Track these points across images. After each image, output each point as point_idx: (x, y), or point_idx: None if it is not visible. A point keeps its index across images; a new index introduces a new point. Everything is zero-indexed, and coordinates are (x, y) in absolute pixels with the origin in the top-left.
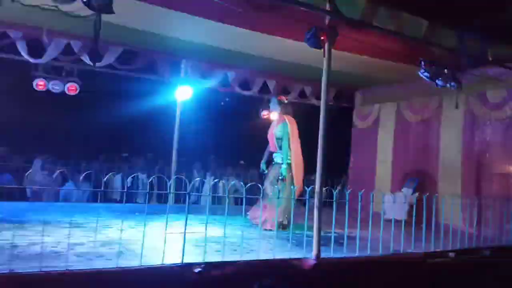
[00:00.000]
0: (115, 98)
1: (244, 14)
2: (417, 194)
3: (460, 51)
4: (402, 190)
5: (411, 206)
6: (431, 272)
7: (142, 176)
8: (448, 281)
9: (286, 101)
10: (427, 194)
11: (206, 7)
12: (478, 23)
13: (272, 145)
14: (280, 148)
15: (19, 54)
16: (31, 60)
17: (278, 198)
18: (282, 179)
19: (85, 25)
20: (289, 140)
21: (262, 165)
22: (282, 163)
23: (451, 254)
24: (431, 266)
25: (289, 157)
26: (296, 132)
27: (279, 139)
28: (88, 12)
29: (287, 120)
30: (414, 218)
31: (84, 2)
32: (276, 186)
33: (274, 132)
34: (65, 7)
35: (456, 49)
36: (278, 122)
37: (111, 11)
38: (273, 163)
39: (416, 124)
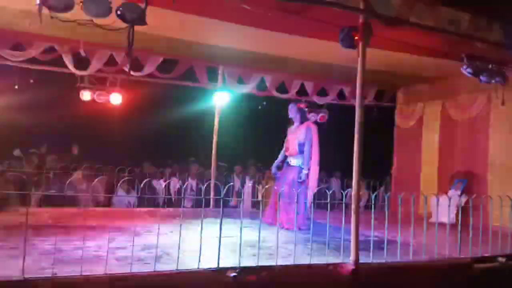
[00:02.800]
0: (156, 106)
1: (275, 17)
2: (464, 195)
3: (506, 45)
4: (449, 192)
5: (458, 209)
6: (479, 278)
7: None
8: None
9: (306, 109)
10: (475, 196)
11: (237, 13)
12: None
13: (292, 149)
14: (301, 152)
15: (65, 67)
16: (77, 72)
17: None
18: (301, 182)
19: (126, 36)
20: (311, 146)
21: (274, 168)
22: (302, 167)
23: (501, 259)
24: (479, 272)
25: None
26: (316, 137)
27: (301, 144)
28: (122, 25)
29: (311, 127)
30: (460, 221)
31: (118, 15)
32: (294, 189)
33: (297, 136)
34: (99, 21)
35: (501, 42)
36: (301, 127)
37: (143, 23)
38: (288, 165)
39: (463, 123)
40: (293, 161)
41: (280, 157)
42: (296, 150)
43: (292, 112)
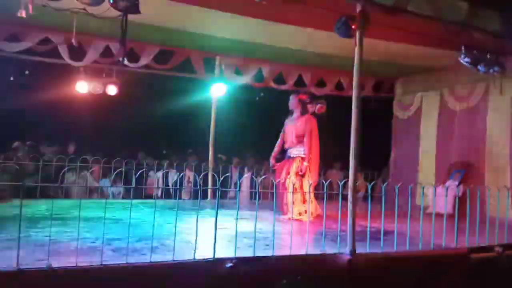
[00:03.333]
0: (153, 97)
1: (271, 6)
2: (462, 186)
3: (504, 34)
4: (447, 182)
5: (455, 199)
6: (476, 268)
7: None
8: (495, 277)
9: (307, 101)
10: (472, 186)
11: (232, 2)
12: None
13: (291, 140)
14: (299, 143)
15: (61, 58)
16: (73, 63)
17: (292, 192)
18: (302, 174)
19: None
20: (311, 137)
21: (272, 160)
22: (303, 158)
23: (498, 249)
24: (476, 262)
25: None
26: (316, 130)
27: (300, 135)
28: (116, 13)
29: (310, 119)
30: (457, 211)
31: (111, 4)
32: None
33: (296, 128)
34: (93, 9)
35: (500, 32)
36: (300, 119)
37: (137, 11)
38: (288, 157)
39: (461, 113)
40: (293, 153)
41: (276, 148)
42: (296, 142)
43: (293, 103)
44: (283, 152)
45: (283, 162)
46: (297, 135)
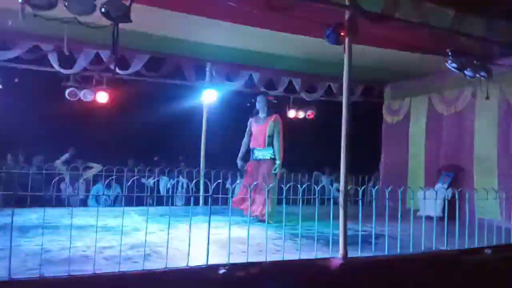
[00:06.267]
0: (143, 104)
1: (261, 14)
2: (451, 189)
3: (490, 39)
4: (436, 185)
5: (445, 202)
6: (466, 270)
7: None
8: (485, 280)
9: (275, 101)
10: (460, 189)
11: (223, 10)
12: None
13: (261, 141)
14: (269, 144)
15: (51, 66)
16: (62, 71)
17: (268, 192)
18: (275, 174)
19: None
20: (280, 136)
21: (240, 161)
22: (274, 159)
23: (488, 251)
24: (466, 264)
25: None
26: (283, 130)
27: (270, 136)
28: (107, 22)
29: (278, 119)
30: (446, 214)
31: (102, 13)
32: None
33: (265, 129)
34: (84, 18)
35: (486, 37)
36: (269, 119)
37: (128, 20)
38: (257, 158)
39: (449, 117)
40: (262, 154)
41: (243, 149)
42: (266, 143)
43: (261, 104)
44: (247, 152)
45: (254, 163)
46: (268, 135)
